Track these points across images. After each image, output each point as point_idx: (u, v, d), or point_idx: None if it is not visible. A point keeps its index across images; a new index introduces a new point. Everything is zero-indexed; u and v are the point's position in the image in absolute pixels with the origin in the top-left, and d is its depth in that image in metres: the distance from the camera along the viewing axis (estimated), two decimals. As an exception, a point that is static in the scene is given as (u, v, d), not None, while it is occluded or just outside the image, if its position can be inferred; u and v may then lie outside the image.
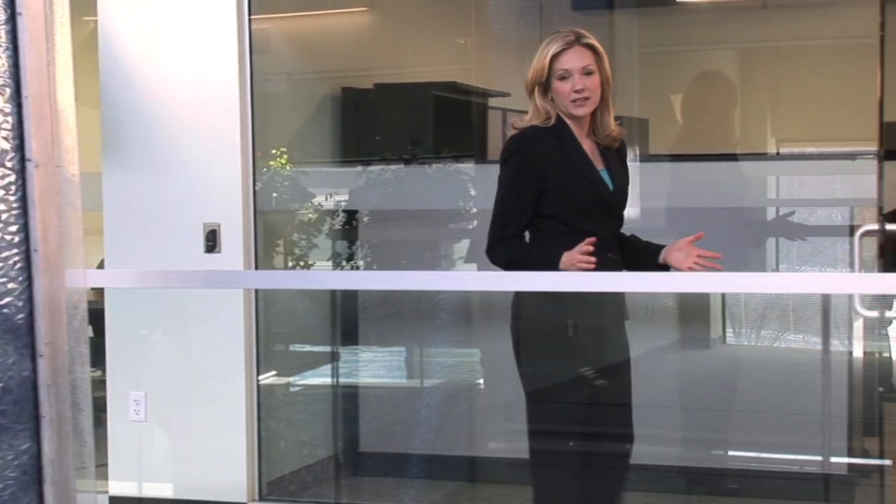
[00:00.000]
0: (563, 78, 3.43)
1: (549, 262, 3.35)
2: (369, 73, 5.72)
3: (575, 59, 3.41)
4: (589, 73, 3.42)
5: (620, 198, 3.55)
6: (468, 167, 5.56)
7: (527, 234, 3.56)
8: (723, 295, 6.99)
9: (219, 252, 4.66)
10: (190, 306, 4.70)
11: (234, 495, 4.68)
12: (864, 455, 5.52)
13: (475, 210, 5.59)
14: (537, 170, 3.45)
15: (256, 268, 4.71)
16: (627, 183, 3.60)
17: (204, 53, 4.66)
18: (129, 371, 4.79)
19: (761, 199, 5.16)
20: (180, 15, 4.68)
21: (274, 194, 5.64)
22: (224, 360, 4.68)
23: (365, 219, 5.58)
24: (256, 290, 4.70)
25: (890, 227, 3.70)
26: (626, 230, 3.67)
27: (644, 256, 3.56)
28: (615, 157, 3.58)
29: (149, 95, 4.71)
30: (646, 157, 5.38)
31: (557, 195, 3.45)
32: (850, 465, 5.01)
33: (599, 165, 3.52)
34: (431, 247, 5.63)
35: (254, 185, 4.70)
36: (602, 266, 3.32)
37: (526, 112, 3.55)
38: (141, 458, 4.77)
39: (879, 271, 3.87)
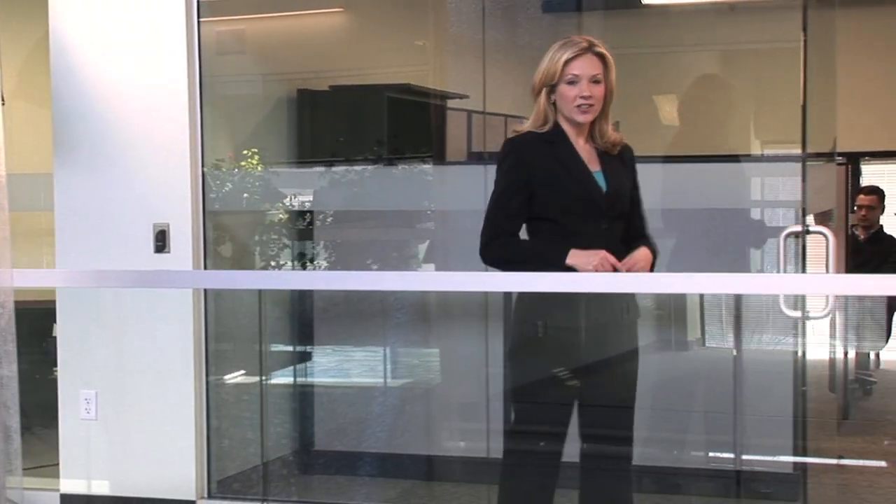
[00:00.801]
0: (571, 83, 3.47)
1: (551, 254, 3.39)
2: (330, 75, 5.77)
3: (586, 66, 3.47)
4: (597, 82, 3.48)
5: (615, 199, 3.54)
6: (426, 168, 5.61)
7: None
8: (701, 297, 7.05)
9: (168, 252, 4.70)
10: (140, 306, 4.75)
11: (183, 493, 4.72)
12: (815, 454, 5.58)
13: (433, 211, 5.64)
14: (528, 171, 3.49)
15: (205, 267, 4.75)
16: (629, 185, 3.61)
17: (153, 56, 4.71)
18: (79, 370, 4.83)
19: (710, 202, 5.21)
20: (130, 18, 4.72)
21: (245, 195, 5.69)
22: (173, 359, 4.73)
23: (323, 219, 5.63)
24: (206, 290, 4.75)
25: (814, 228, 3.75)
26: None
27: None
28: (615, 160, 3.59)
29: (99, 97, 4.75)
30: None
31: (547, 195, 3.49)
32: (794, 463, 5.05)
33: (595, 167, 3.54)
34: (389, 247, 5.67)
35: (203, 185, 4.74)
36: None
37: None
38: (91, 457, 4.81)
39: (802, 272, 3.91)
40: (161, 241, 4.71)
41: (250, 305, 5.50)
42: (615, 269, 3.37)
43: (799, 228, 3.82)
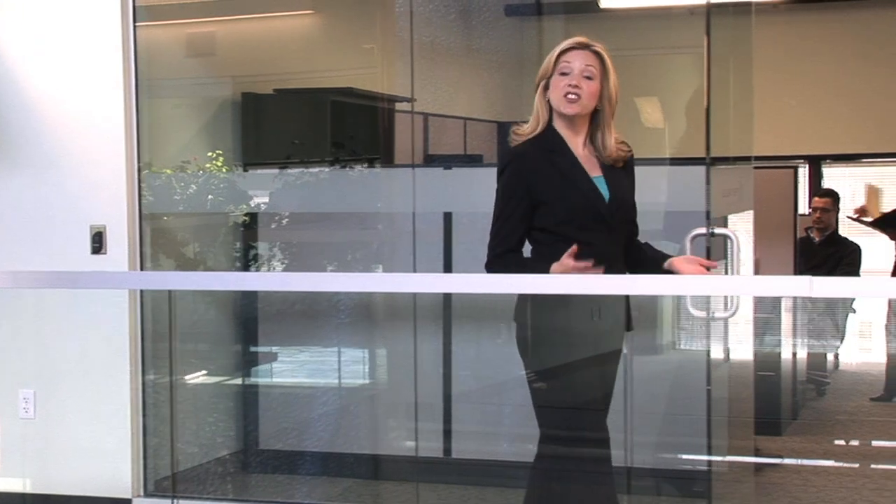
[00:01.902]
0: (563, 73, 3.43)
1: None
2: (277, 78, 5.83)
3: (579, 58, 3.43)
4: (589, 77, 3.42)
5: (618, 206, 3.49)
6: (372, 171, 5.67)
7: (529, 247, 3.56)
8: (676, 300, 7.12)
9: (105, 253, 4.76)
10: (78, 306, 4.81)
11: (119, 491, 4.78)
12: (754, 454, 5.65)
13: (381, 213, 5.69)
14: (529, 183, 3.44)
15: (142, 268, 4.81)
16: (630, 190, 3.58)
17: (89, 59, 4.78)
18: (16, 369, 4.89)
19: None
20: (67, 21, 4.78)
21: (210, 196, 5.75)
22: (110, 359, 4.79)
23: (268, 221, 5.68)
24: (141, 291, 4.81)
25: (719, 231, 3.81)
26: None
27: (646, 264, 3.57)
28: (617, 167, 3.54)
29: (36, 99, 4.82)
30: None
31: (550, 206, 3.44)
32: (730, 463, 5.12)
33: (596, 173, 3.49)
34: (335, 249, 5.73)
35: (139, 188, 4.80)
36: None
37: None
38: (28, 455, 4.88)
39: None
40: (98, 243, 4.77)
41: (198, 306, 5.57)
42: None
43: (703, 231, 3.87)
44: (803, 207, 7.60)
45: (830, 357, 8.20)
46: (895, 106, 8.57)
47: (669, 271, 3.47)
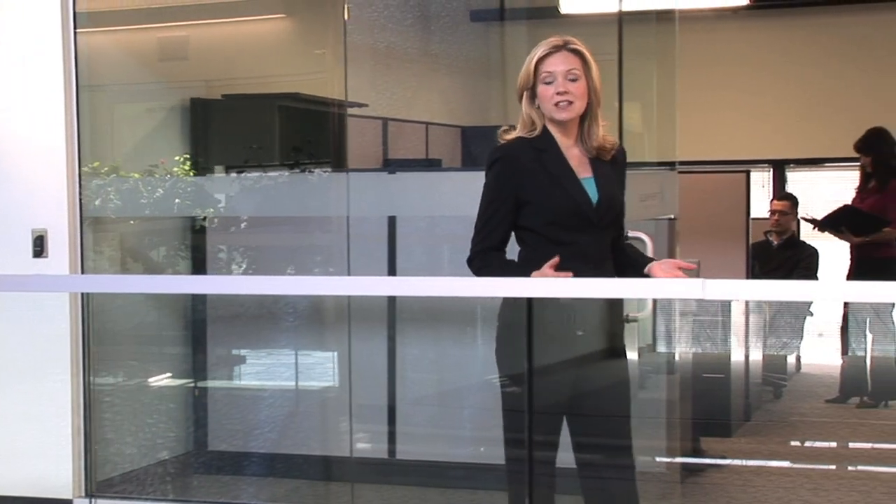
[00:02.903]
0: (547, 82, 3.39)
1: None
2: (228, 84, 5.90)
3: (559, 63, 3.39)
4: (574, 79, 3.39)
5: (605, 209, 3.46)
6: (313, 175, 5.73)
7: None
8: (654, 302, 7.18)
9: (46, 257, 4.82)
10: (20, 309, 4.86)
11: (60, 493, 4.84)
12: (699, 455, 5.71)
13: (329, 217, 5.74)
14: (516, 181, 3.43)
15: (82, 272, 4.87)
16: (620, 192, 3.55)
17: (30, 64, 4.84)
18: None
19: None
20: (8, 26, 4.84)
21: (177, 200, 5.81)
22: (52, 361, 4.85)
23: (217, 225, 5.74)
24: (83, 294, 4.87)
25: (632, 234, 3.85)
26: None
27: (629, 270, 3.54)
28: (607, 167, 3.51)
29: (-22, 103, 4.88)
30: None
31: (535, 206, 3.43)
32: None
33: (585, 174, 3.47)
34: (284, 252, 5.79)
35: (80, 192, 4.86)
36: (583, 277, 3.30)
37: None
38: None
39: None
40: (39, 247, 4.83)
41: (147, 309, 5.63)
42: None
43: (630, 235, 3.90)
44: (757, 211, 7.66)
45: (792, 360, 8.27)
46: (857, 110, 8.63)
47: (649, 276, 3.46)
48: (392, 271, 5.41)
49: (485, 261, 3.49)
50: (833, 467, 5.71)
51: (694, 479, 5.43)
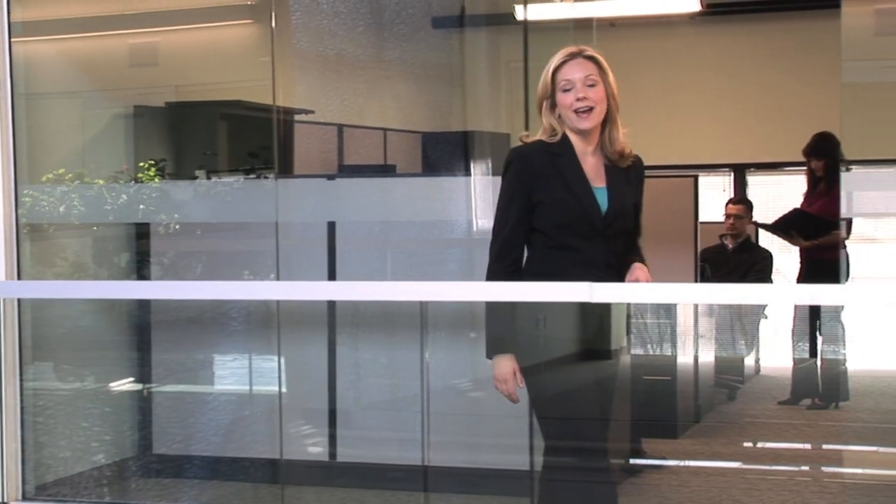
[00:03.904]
0: (566, 90, 3.46)
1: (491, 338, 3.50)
2: (168, 90, 5.96)
3: (576, 70, 3.46)
4: (592, 85, 3.46)
5: (613, 219, 3.50)
6: (265, 182, 5.80)
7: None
8: (628, 306, 7.23)
9: (-18, 263, 4.88)
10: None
11: (-5, 495, 4.90)
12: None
13: (275, 223, 5.79)
14: (530, 181, 3.48)
15: (19, 277, 4.92)
16: (634, 201, 3.59)
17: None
18: None
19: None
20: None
21: (141, 206, 5.87)
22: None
23: (160, 231, 5.80)
24: (19, 300, 4.93)
25: None
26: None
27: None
28: (622, 176, 3.56)
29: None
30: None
31: (545, 208, 3.47)
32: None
33: (599, 183, 3.51)
34: (227, 259, 5.85)
35: (15, 198, 4.92)
36: None
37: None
38: None
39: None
40: (-25, 253, 4.89)
41: (90, 314, 5.69)
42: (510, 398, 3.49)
43: None
44: (705, 215, 7.71)
45: (752, 362, 8.33)
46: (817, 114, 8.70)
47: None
48: (332, 276, 5.47)
49: (503, 274, 3.52)
50: (770, 468, 5.78)
51: (632, 480, 5.50)
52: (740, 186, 9.33)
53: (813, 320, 7.21)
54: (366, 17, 7.33)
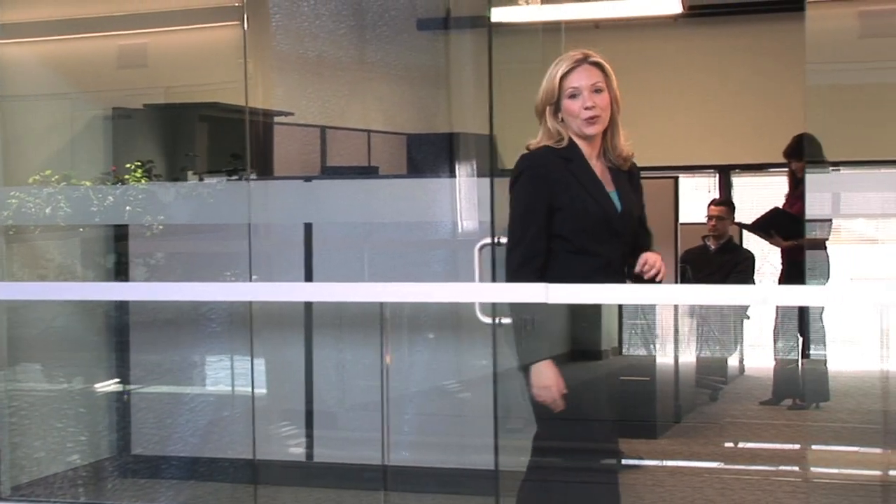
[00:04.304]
0: (572, 96, 3.47)
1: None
2: (150, 92, 5.98)
3: (584, 77, 3.47)
4: (598, 91, 3.48)
5: (627, 219, 3.54)
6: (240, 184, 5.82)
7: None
8: (619, 307, 7.25)
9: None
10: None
11: (-28, 495, 4.93)
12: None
13: (252, 224, 5.82)
14: (547, 188, 3.47)
15: (-4, 279, 4.97)
16: (638, 203, 3.63)
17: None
18: None
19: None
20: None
21: (128, 208, 5.89)
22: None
23: (140, 233, 5.82)
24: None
25: (504, 240, 3.91)
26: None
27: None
28: (625, 178, 3.59)
29: None
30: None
31: (566, 215, 3.47)
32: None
33: (609, 187, 3.54)
34: (204, 260, 5.87)
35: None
36: None
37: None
38: None
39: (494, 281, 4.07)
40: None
41: (70, 315, 5.72)
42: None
43: (488, 241, 3.97)
44: (690, 216, 7.76)
45: (736, 362, 8.36)
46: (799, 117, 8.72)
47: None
48: (309, 278, 5.50)
49: (535, 274, 3.47)
50: (745, 467, 5.80)
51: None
52: (726, 188, 9.34)
53: (794, 321, 7.23)
54: (348, 20, 7.36)
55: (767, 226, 7.14)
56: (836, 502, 5.05)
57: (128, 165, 5.89)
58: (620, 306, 6.75)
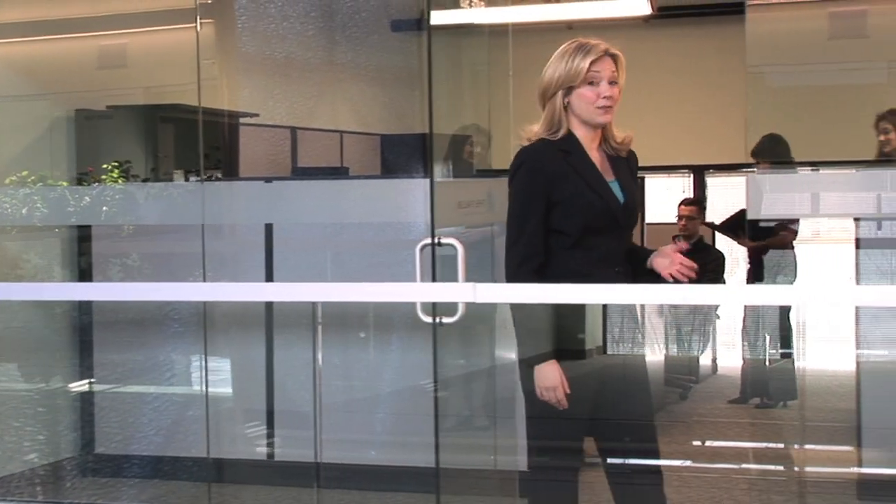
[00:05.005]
0: (590, 83, 3.48)
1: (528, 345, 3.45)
2: (119, 94, 6.03)
3: (605, 66, 3.49)
4: (613, 83, 3.50)
5: (630, 210, 3.53)
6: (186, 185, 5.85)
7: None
8: (604, 305, 7.27)
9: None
10: None
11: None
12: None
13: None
14: (546, 182, 3.45)
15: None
16: (636, 192, 3.61)
17: None
18: None
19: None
20: None
21: (104, 208, 5.93)
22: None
23: (102, 235, 5.86)
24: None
25: (445, 241, 3.93)
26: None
27: (638, 264, 3.60)
28: (625, 166, 3.58)
29: None
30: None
31: (566, 210, 3.45)
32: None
33: (609, 177, 3.52)
34: (164, 260, 5.90)
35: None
36: (608, 281, 3.37)
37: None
38: None
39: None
40: None
41: (36, 317, 5.75)
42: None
43: (429, 241, 3.99)
44: (659, 217, 7.80)
45: (708, 361, 8.39)
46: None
47: (652, 270, 3.55)
48: (269, 278, 5.53)
49: (534, 275, 3.47)
50: (705, 465, 5.83)
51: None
52: (700, 188, 9.39)
53: (762, 320, 7.27)
54: (316, 22, 7.40)
55: (735, 226, 7.17)
56: (794, 500, 5.10)
57: (105, 166, 5.93)
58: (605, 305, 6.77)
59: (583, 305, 3.71)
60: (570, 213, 3.45)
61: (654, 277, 3.55)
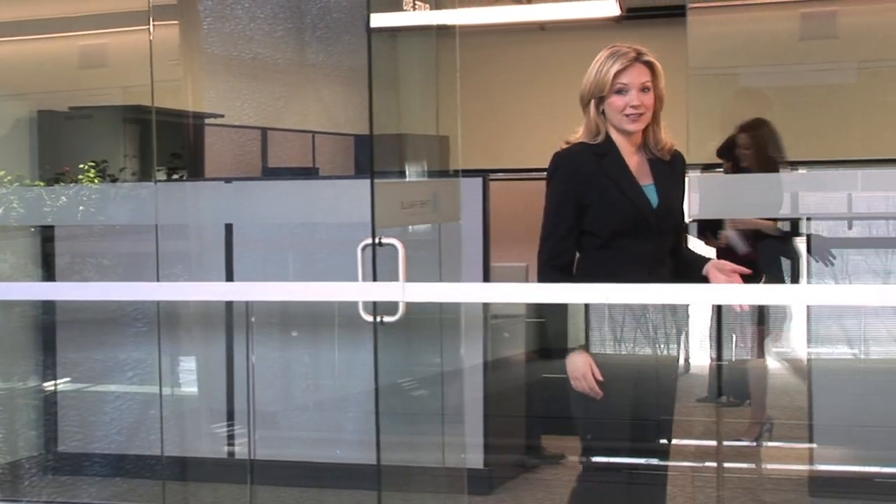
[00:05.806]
0: (620, 92, 3.48)
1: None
2: (90, 95, 6.06)
3: (635, 76, 3.48)
4: (645, 90, 3.49)
5: (665, 213, 3.53)
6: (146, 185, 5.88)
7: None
8: (586, 305, 7.29)
9: None
10: None
11: None
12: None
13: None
14: (577, 185, 3.50)
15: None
16: (679, 196, 3.62)
17: None
18: None
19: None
20: None
21: (81, 208, 5.96)
22: None
23: (64, 235, 5.89)
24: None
25: (386, 241, 3.96)
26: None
27: (689, 269, 3.61)
28: (666, 169, 3.58)
29: None
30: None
31: (596, 212, 3.49)
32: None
33: (646, 181, 3.54)
34: (129, 259, 5.93)
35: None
36: (636, 282, 3.30)
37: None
38: None
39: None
40: None
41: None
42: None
43: (370, 241, 4.01)
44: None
45: (681, 360, 8.40)
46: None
47: (707, 277, 3.55)
48: (229, 277, 5.57)
49: (559, 275, 3.53)
50: (663, 463, 5.85)
51: (526, 475, 5.60)
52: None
53: (728, 320, 7.28)
54: (285, 23, 7.44)
55: (703, 227, 7.19)
56: (753, 497, 5.13)
57: (81, 166, 5.96)
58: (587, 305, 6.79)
59: (565, 306, 3.73)
60: (600, 215, 3.50)
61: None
